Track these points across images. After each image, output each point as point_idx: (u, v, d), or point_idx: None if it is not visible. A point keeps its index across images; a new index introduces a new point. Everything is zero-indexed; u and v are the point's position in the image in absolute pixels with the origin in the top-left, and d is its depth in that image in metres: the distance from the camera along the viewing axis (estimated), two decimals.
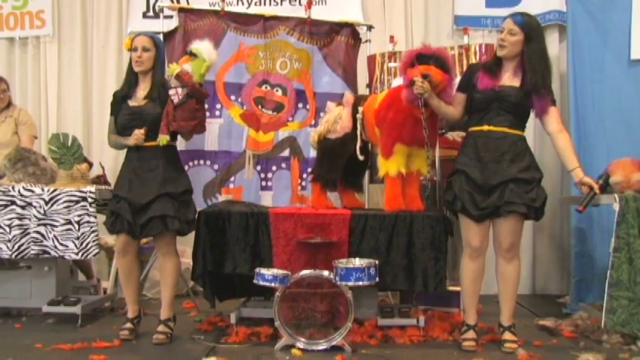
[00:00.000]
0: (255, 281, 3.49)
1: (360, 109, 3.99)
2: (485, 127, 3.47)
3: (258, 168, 4.78)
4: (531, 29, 3.42)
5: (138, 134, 3.62)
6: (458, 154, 3.63)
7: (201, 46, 3.70)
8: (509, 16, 3.50)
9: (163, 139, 3.62)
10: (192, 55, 3.66)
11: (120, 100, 3.77)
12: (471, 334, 3.52)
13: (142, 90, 3.74)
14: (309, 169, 4.60)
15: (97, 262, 5.08)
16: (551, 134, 3.53)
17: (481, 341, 3.54)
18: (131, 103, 3.73)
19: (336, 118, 4.08)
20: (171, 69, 3.64)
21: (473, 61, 4.57)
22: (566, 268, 5.26)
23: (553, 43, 5.44)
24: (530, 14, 3.54)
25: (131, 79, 3.77)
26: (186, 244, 4.73)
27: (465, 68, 4.55)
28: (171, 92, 3.62)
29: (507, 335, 3.47)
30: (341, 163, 4.07)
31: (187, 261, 4.84)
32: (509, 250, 3.46)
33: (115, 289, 4.69)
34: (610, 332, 3.55)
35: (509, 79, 3.49)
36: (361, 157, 4.01)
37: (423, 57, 3.49)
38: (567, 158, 3.50)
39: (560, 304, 4.70)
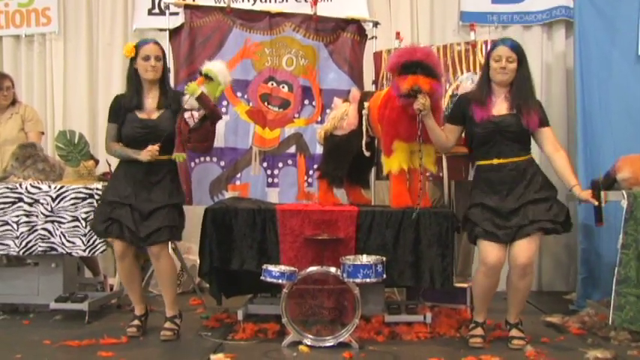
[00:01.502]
0: (262, 278, 3.49)
1: (366, 104, 3.99)
2: (495, 161, 3.46)
3: (265, 165, 4.78)
4: (521, 52, 3.48)
5: (153, 150, 3.54)
6: (471, 190, 3.60)
7: (217, 69, 3.64)
8: (500, 42, 3.53)
9: (180, 156, 3.60)
10: (208, 77, 3.61)
11: (125, 108, 3.67)
12: (478, 330, 3.52)
13: (151, 99, 3.69)
14: (316, 166, 4.60)
15: (104, 258, 5.08)
16: (547, 155, 3.53)
17: (488, 338, 3.54)
18: (140, 115, 3.65)
19: (343, 115, 4.07)
20: (192, 88, 3.56)
21: (479, 57, 4.54)
22: (572, 264, 5.25)
23: (559, 39, 5.42)
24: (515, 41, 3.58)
25: (138, 89, 3.69)
26: (192, 241, 4.74)
27: (471, 65, 4.55)
28: (186, 115, 3.58)
29: (514, 332, 3.48)
30: (347, 160, 4.07)
31: (193, 257, 4.86)
32: (525, 268, 3.41)
33: (121, 286, 4.68)
34: (618, 329, 3.55)
35: (501, 104, 3.49)
36: (367, 154, 4.01)
37: (409, 65, 3.45)
38: (565, 177, 3.47)
39: (567, 300, 4.70)
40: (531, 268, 3.47)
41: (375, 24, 4.98)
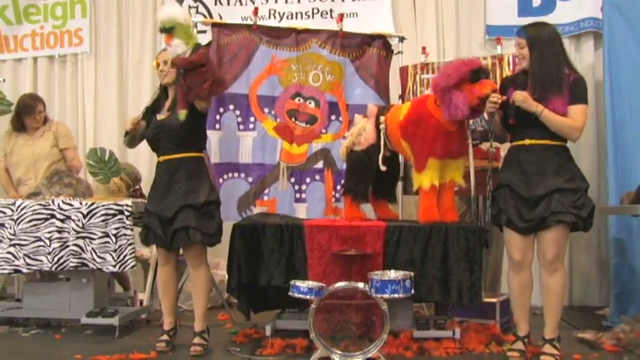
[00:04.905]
0: (290, 293, 3.48)
1: (382, 118, 3.99)
2: (527, 142, 3.43)
3: (292, 180, 4.79)
4: (532, 38, 3.42)
5: (131, 118, 3.77)
6: (501, 168, 3.60)
7: (167, 17, 3.65)
8: (517, 31, 3.55)
9: (182, 113, 3.65)
10: (168, 30, 3.62)
11: (150, 113, 3.83)
12: (518, 344, 3.49)
13: (169, 102, 3.80)
14: (343, 181, 4.60)
15: (133, 274, 5.15)
16: None
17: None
18: (158, 116, 3.79)
19: (360, 131, 4.08)
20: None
21: (506, 71, 4.53)
22: (604, 279, 5.16)
23: (588, 51, 5.38)
24: (538, 24, 3.54)
25: (160, 94, 3.84)
26: (220, 256, 4.77)
27: (498, 78, 4.52)
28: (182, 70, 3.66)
29: (547, 348, 3.41)
30: (369, 175, 4.06)
31: (222, 273, 4.89)
32: (552, 262, 3.39)
33: (151, 301, 4.74)
34: None
35: None
36: (383, 168, 3.98)
37: (479, 71, 3.50)
38: None
39: (600, 316, 4.60)
40: (560, 263, 3.42)
41: (401, 39, 4.98)
